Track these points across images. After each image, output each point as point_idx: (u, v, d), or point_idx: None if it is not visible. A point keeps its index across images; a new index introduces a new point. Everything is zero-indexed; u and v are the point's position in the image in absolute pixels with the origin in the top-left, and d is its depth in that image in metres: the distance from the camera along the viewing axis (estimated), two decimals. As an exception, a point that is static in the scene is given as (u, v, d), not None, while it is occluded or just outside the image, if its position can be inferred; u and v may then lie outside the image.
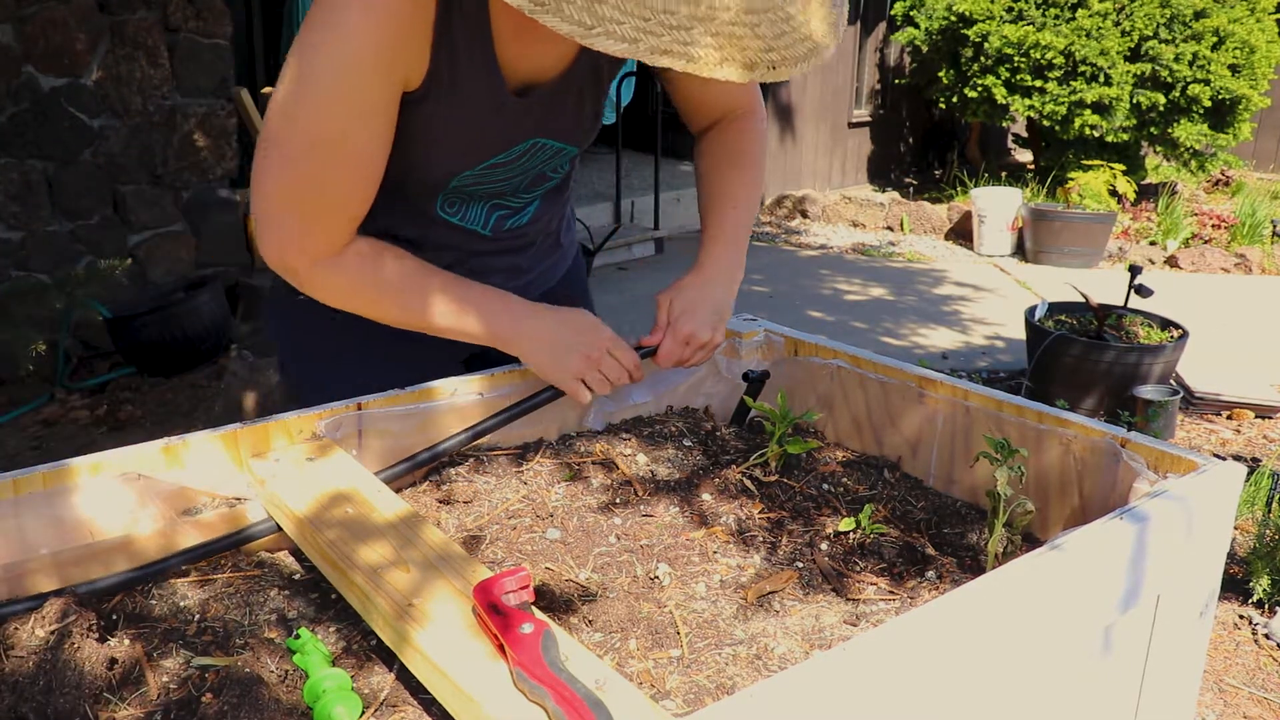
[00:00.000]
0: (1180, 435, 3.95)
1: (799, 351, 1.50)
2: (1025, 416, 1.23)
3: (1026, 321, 4.24)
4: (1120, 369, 3.92)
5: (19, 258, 4.30)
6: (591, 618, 0.95)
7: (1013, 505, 1.05)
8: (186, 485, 1.09)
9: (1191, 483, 1.03)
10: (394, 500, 1.05)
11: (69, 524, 1.02)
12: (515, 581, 0.83)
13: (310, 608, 1.00)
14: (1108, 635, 0.98)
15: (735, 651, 0.90)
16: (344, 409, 1.20)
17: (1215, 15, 7.02)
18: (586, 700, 0.72)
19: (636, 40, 0.83)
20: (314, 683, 0.84)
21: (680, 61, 0.85)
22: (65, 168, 4.37)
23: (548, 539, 1.07)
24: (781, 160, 8.86)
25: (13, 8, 4.08)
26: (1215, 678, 2.46)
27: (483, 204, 1.36)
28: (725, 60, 0.87)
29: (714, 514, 1.13)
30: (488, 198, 1.35)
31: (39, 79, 4.22)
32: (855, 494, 1.21)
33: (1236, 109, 7.23)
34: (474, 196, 1.33)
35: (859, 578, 1.04)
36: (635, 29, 0.83)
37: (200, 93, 4.71)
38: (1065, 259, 6.74)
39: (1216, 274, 6.65)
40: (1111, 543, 0.93)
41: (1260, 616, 2.68)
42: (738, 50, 0.87)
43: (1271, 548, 2.73)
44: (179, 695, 0.83)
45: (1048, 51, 7.17)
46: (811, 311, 5.62)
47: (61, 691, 0.80)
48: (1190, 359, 4.27)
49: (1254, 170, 9.62)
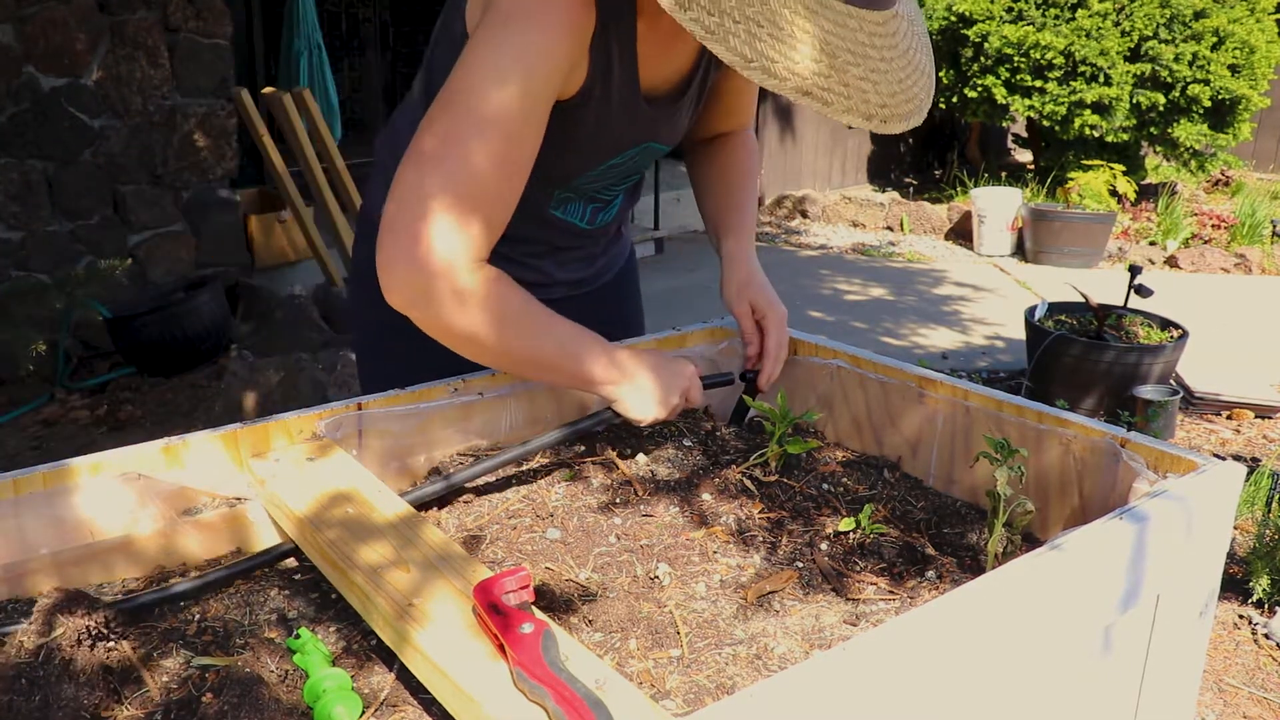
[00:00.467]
0: (1180, 435, 3.95)
1: (799, 351, 1.50)
2: (1025, 416, 1.23)
3: (1026, 321, 4.24)
4: (1120, 369, 3.92)
5: (19, 258, 4.30)
6: (591, 618, 0.95)
7: (1013, 505, 1.05)
8: (186, 485, 1.09)
9: (1191, 483, 1.03)
10: (394, 500, 1.05)
11: (69, 524, 1.02)
12: (515, 581, 0.83)
13: (310, 608, 1.00)
14: (1108, 635, 0.98)
15: (735, 651, 0.90)
16: (344, 409, 1.20)
17: (1215, 15, 7.02)
18: (586, 700, 0.72)
19: (786, 79, 0.97)
20: (314, 683, 0.84)
21: (817, 105, 0.99)
22: (65, 168, 4.37)
23: (548, 539, 1.08)
24: (781, 160, 8.85)
25: (13, 8, 4.08)
26: (1215, 678, 2.46)
27: (584, 200, 1.42)
28: (849, 110, 1.01)
29: (714, 514, 1.13)
30: (591, 195, 1.42)
31: (39, 79, 4.22)
32: (855, 494, 1.21)
33: (1236, 109, 7.22)
34: (580, 193, 1.40)
35: (859, 578, 1.04)
36: (786, 69, 0.97)
37: (200, 93, 4.71)
38: (1065, 259, 6.74)
39: (1216, 274, 6.65)
40: (1111, 543, 0.93)
41: (1260, 616, 2.68)
42: (861, 101, 1.01)
43: (1271, 548, 2.73)
44: (179, 695, 0.83)
45: (1048, 52, 7.16)
46: (811, 311, 5.61)
47: (61, 693, 0.80)
48: (1190, 359, 4.27)
49: (1254, 170, 9.62)
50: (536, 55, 1.09)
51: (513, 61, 1.08)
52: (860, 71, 1.01)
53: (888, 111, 1.04)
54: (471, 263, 1.10)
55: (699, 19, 0.95)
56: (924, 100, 1.10)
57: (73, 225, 4.44)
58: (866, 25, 1.02)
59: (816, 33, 0.98)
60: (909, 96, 1.07)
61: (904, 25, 1.09)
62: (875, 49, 1.03)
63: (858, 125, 1.02)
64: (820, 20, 0.99)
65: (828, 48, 0.99)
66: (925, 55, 1.13)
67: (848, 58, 1.00)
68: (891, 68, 1.05)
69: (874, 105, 1.03)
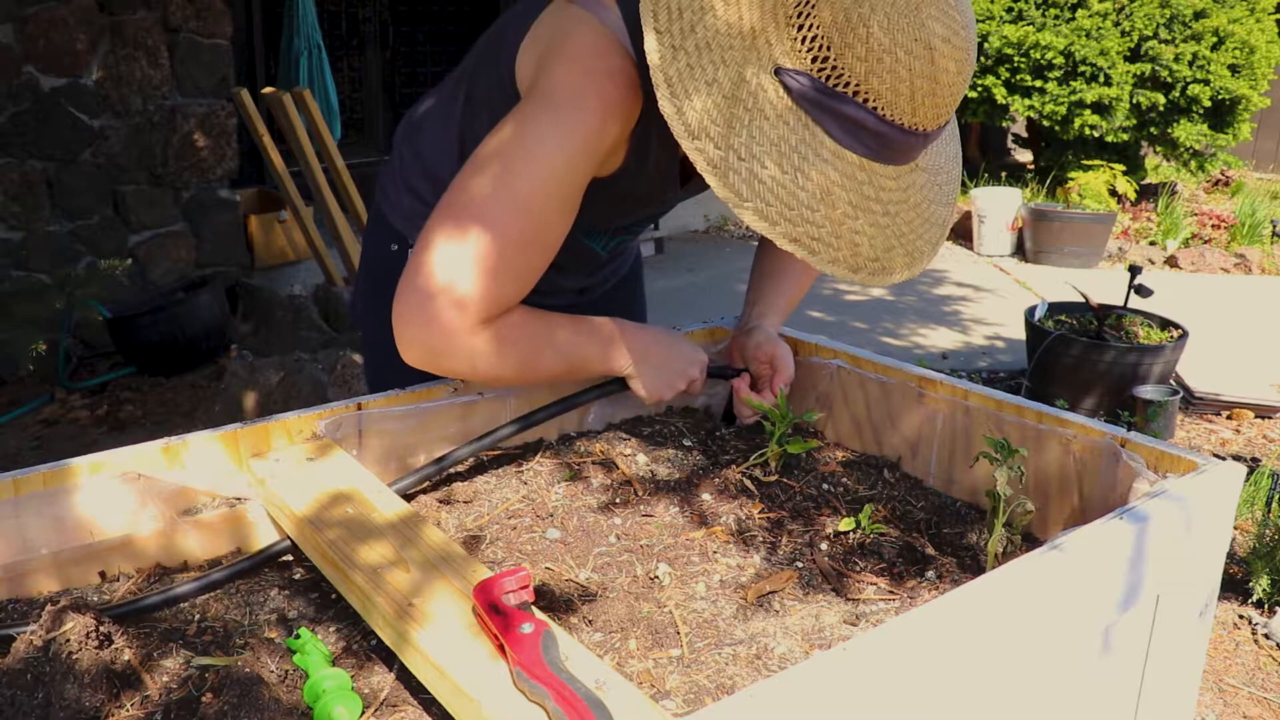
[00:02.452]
0: (1180, 435, 3.95)
1: (799, 351, 1.50)
2: (1025, 416, 1.23)
3: (1026, 321, 4.24)
4: (1120, 369, 3.92)
5: (19, 258, 4.30)
6: (591, 618, 0.95)
7: (1013, 505, 1.05)
8: (186, 485, 1.09)
9: (1191, 483, 1.03)
10: (394, 500, 1.05)
11: (69, 524, 1.02)
12: (515, 581, 0.83)
13: (310, 608, 1.00)
14: (1108, 635, 0.98)
15: (735, 651, 0.90)
16: (344, 409, 1.20)
17: (1215, 15, 7.02)
18: (586, 700, 0.72)
19: (776, 224, 0.97)
20: (314, 683, 0.85)
21: (803, 253, 0.99)
22: (65, 168, 4.37)
23: (548, 539, 1.08)
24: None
25: (13, 8, 4.08)
26: (1215, 678, 2.46)
27: (610, 232, 1.43)
28: (835, 261, 1.01)
29: (714, 514, 1.13)
30: (618, 229, 1.44)
31: (39, 79, 4.22)
32: (855, 494, 1.21)
33: (1236, 109, 7.22)
34: (609, 229, 1.41)
35: (859, 578, 1.04)
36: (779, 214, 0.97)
37: (200, 93, 4.71)
38: (1065, 259, 6.74)
39: (1216, 274, 6.65)
40: (1111, 543, 0.93)
41: (1260, 616, 2.68)
42: (850, 253, 1.01)
43: (1271, 548, 2.73)
44: (179, 695, 0.83)
45: (1047, 52, 7.16)
46: (811, 311, 5.61)
47: (64, 692, 0.80)
48: (1190, 359, 4.27)
49: (1254, 170, 9.62)
50: (580, 143, 1.09)
51: (555, 147, 1.09)
52: (856, 225, 1.00)
53: (878, 265, 1.04)
54: (480, 326, 1.12)
55: (704, 150, 0.96)
56: (926, 253, 1.09)
57: (73, 225, 4.44)
58: (877, 179, 1.01)
59: (821, 182, 0.98)
60: (908, 250, 1.06)
61: (923, 178, 1.07)
62: (880, 203, 1.02)
63: (843, 277, 1.02)
64: (829, 170, 0.98)
65: (829, 198, 0.98)
66: (944, 206, 1.12)
67: (846, 209, 1.00)
68: (894, 222, 1.04)
69: (864, 258, 1.02)
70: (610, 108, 1.09)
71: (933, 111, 0.98)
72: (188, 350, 4.29)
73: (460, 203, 1.10)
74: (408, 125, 1.45)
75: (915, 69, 0.94)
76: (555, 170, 1.10)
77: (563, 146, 1.09)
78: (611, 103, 1.09)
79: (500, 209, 1.09)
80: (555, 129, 1.09)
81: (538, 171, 1.09)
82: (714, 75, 0.97)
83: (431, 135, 1.38)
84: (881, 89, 0.95)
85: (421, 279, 1.09)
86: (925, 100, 0.97)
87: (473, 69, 1.32)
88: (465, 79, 1.33)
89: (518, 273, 1.14)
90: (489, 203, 1.09)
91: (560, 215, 1.14)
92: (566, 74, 1.10)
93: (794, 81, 0.97)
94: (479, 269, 1.09)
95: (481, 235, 1.09)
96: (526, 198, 1.09)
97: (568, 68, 1.10)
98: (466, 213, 1.09)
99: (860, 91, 0.96)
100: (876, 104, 0.96)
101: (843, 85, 0.96)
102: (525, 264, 1.14)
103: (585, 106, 1.09)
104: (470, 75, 1.32)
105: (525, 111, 1.11)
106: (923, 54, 0.94)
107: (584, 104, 1.09)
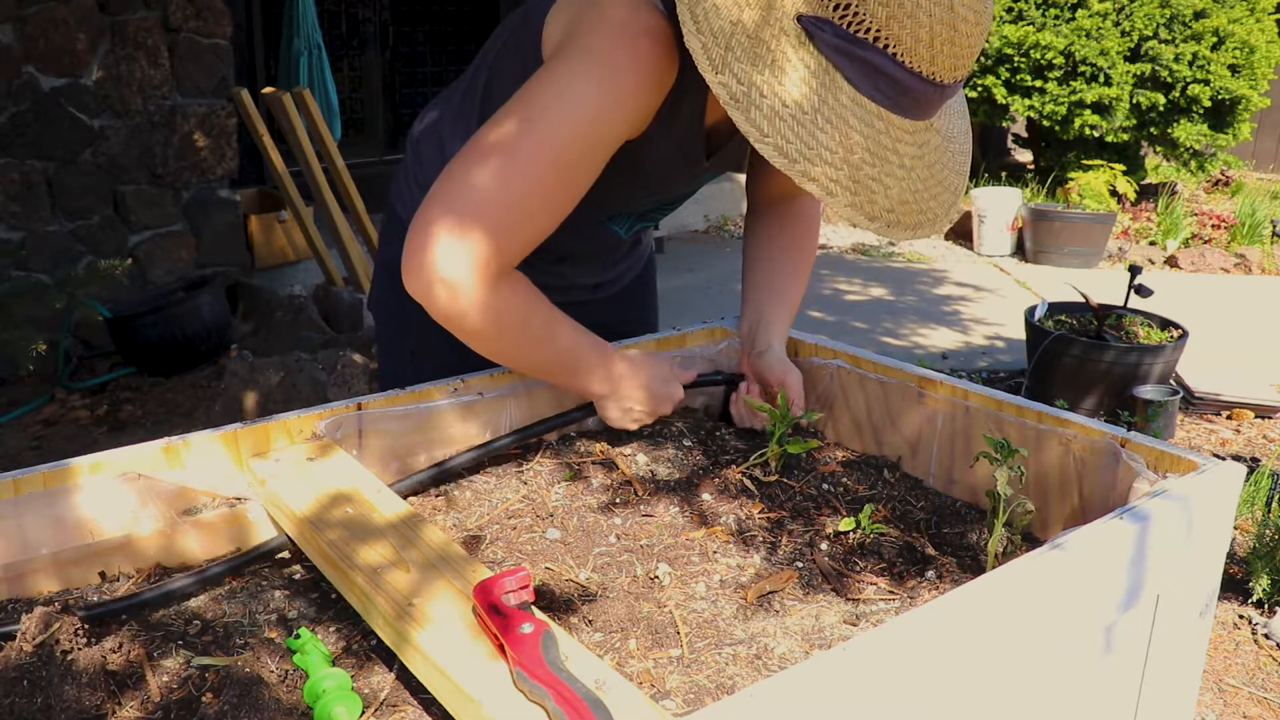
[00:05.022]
0: (1180, 435, 3.95)
1: (799, 351, 1.50)
2: (1025, 416, 1.23)
3: (1026, 321, 4.23)
4: (1120, 369, 3.92)
5: (19, 258, 4.29)
6: (591, 618, 0.95)
7: (1013, 505, 1.05)
8: (187, 485, 1.09)
9: (1191, 483, 1.03)
10: (394, 500, 1.05)
11: (69, 524, 1.02)
12: (515, 581, 0.83)
13: (310, 608, 1.00)
14: (1108, 635, 0.98)
15: (735, 651, 0.90)
16: (344, 409, 1.20)
17: (1215, 15, 7.02)
18: (586, 700, 0.72)
19: (796, 161, 0.98)
20: (314, 683, 0.85)
21: (821, 193, 1.00)
22: (65, 168, 4.37)
23: (548, 539, 1.08)
24: (781, 160, 8.83)
25: (13, 8, 4.08)
26: (1215, 678, 2.46)
27: (634, 216, 1.43)
28: (853, 206, 1.01)
29: (714, 514, 1.13)
30: (642, 212, 1.43)
31: (39, 79, 4.22)
32: (855, 494, 1.21)
33: (1236, 109, 7.22)
34: (633, 212, 1.41)
35: (859, 578, 1.04)
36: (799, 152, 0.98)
37: (200, 93, 4.71)
38: (1065, 259, 6.73)
39: (1216, 274, 6.65)
40: (1111, 543, 0.93)
41: (1260, 616, 2.68)
42: (868, 201, 1.02)
43: (1271, 548, 2.73)
44: (179, 695, 0.83)
45: (1047, 52, 7.16)
46: (811, 311, 5.61)
47: (63, 694, 0.80)
48: (1190, 359, 4.27)
49: (1254, 170, 9.62)
50: (611, 95, 1.09)
51: (585, 93, 1.08)
52: (873, 172, 1.01)
53: (893, 217, 1.05)
54: (491, 276, 1.10)
55: (727, 84, 0.97)
56: (939, 214, 1.10)
57: (73, 225, 4.44)
58: (894, 130, 1.02)
59: (840, 126, 1.00)
60: (922, 208, 1.07)
61: (937, 140, 1.09)
62: (896, 155, 1.03)
63: (861, 225, 1.03)
64: (848, 116, 1.00)
65: (847, 141, 1.00)
66: (957, 175, 1.13)
67: (864, 155, 1.01)
68: (910, 176, 1.05)
69: (880, 208, 1.03)
70: (643, 64, 1.09)
71: (950, 61, 1.00)
72: (188, 350, 4.29)
73: (486, 141, 1.09)
74: (424, 121, 1.45)
75: (935, 14, 0.97)
76: (584, 116, 1.08)
77: (592, 94, 1.08)
78: (646, 59, 1.09)
79: (527, 156, 1.08)
80: (586, 77, 1.08)
81: (566, 116, 1.08)
82: (739, 16, 0.99)
83: (451, 127, 1.37)
84: (902, 34, 0.97)
85: (439, 217, 1.07)
86: (944, 48, 0.99)
87: (494, 56, 1.31)
88: (485, 68, 1.33)
89: (533, 216, 1.11)
90: (517, 147, 1.08)
91: (586, 167, 1.12)
92: (600, 29, 1.09)
93: (815, 28, 0.98)
94: (499, 214, 1.08)
95: (504, 180, 1.07)
96: (554, 146, 1.08)
97: (601, 25, 1.09)
98: (494, 154, 1.08)
99: (881, 37, 0.97)
100: (896, 49, 0.98)
101: (863, 31, 0.97)
102: (542, 207, 1.12)
103: (619, 61, 1.08)
104: (491, 64, 1.31)
105: (561, 62, 1.10)
106: (942, 1, 0.97)
107: (617, 58, 1.08)
